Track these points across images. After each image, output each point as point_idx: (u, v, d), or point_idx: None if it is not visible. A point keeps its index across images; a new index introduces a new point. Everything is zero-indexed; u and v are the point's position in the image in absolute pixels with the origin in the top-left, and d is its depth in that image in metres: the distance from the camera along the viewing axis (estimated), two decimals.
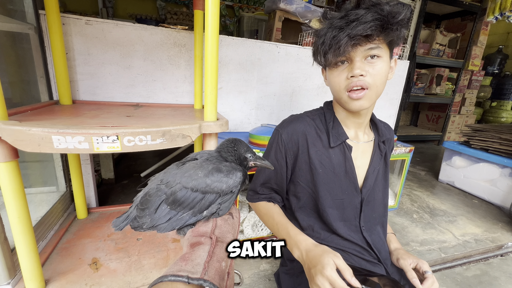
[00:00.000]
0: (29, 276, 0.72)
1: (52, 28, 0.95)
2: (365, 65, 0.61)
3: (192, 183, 0.44)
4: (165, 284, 0.33)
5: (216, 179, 0.44)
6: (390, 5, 0.59)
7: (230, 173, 0.45)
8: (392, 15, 0.58)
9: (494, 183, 1.88)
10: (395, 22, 0.58)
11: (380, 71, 0.61)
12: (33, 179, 1.15)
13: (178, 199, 0.43)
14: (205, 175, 0.44)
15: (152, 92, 1.27)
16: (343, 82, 0.64)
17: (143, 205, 0.45)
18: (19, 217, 0.66)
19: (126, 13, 3.65)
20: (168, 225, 0.44)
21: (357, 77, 0.61)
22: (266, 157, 0.78)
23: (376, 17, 0.57)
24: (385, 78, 0.64)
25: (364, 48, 0.60)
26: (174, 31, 1.22)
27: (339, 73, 0.64)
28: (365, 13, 0.57)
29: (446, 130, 3.56)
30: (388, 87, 1.84)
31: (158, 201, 0.44)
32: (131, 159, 2.30)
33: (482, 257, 1.32)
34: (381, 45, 0.60)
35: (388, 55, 0.64)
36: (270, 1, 1.97)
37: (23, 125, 0.58)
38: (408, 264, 0.70)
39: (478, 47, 3.29)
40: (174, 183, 0.44)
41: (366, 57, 0.61)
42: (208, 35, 0.70)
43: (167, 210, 0.44)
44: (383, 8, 0.58)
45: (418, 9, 2.58)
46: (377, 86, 0.62)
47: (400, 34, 0.61)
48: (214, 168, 0.45)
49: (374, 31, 0.57)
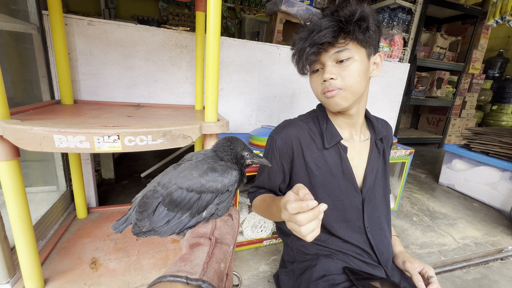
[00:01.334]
0: (28, 275, 0.72)
1: (55, 28, 0.96)
2: (335, 69, 0.64)
3: (187, 183, 0.44)
4: (164, 284, 0.33)
5: (211, 178, 0.44)
6: (346, 8, 0.61)
7: (225, 172, 0.46)
8: (348, 17, 0.60)
9: (495, 187, 1.88)
10: (352, 22, 0.60)
11: (352, 71, 0.63)
12: (33, 178, 1.15)
13: (174, 200, 0.44)
14: (199, 175, 0.44)
15: (153, 93, 1.28)
16: (319, 86, 0.68)
17: (141, 208, 0.45)
18: (20, 216, 0.67)
19: (128, 14, 3.67)
20: (168, 229, 0.44)
21: (328, 81, 0.64)
22: (263, 166, 0.80)
23: (330, 24, 0.61)
24: (360, 77, 0.65)
25: (331, 53, 0.63)
26: (176, 32, 1.23)
27: (315, 78, 0.69)
28: (322, 22, 0.61)
29: (446, 133, 3.56)
30: (389, 90, 1.84)
31: (155, 203, 0.45)
32: (132, 160, 2.30)
33: (482, 260, 1.32)
34: (348, 46, 0.62)
35: (364, 54, 0.65)
36: (271, 4, 1.98)
37: (25, 124, 0.59)
38: (414, 267, 0.70)
39: (478, 50, 3.30)
40: (169, 184, 0.45)
41: (337, 61, 0.64)
42: (210, 36, 0.71)
43: (165, 212, 0.44)
44: (339, 13, 0.61)
45: (418, 13, 2.59)
46: (350, 86, 0.64)
47: (367, 32, 0.62)
48: (209, 167, 0.45)
49: (330, 37, 0.61)
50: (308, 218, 0.44)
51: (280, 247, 1.25)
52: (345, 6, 0.62)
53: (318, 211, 0.45)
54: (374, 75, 0.70)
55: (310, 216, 0.44)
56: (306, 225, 0.45)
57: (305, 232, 0.45)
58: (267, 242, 1.24)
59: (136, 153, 2.46)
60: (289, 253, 0.81)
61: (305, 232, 0.45)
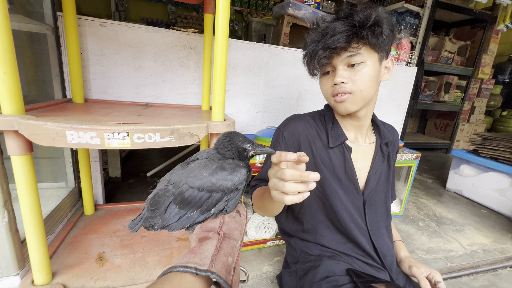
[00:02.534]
0: (37, 268, 0.74)
1: (68, 29, 0.99)
2: (347, 72, 0.64)
3: (198, 182, 0.44)
4: (174, 274, 0.34)
5: (221, 177, 0.45)
6: (361, 13, 0.60)
7: (234, 170, 0.46)
8: (362, 22, 0.60)
9: (504, 193, 1.84)
10: (367, 27, 0.60)
11: (363, 76, 0.63)
12: (44, 174, 1.18)
13: (186, 199, 0.45)
14: (210, 174, 0.45)
15: (161, 93, 1.30)
16: (329, 89, 0.68)
17: (153, 206, 0.46)
18: (31, 209, 0.69)
19: (138, 17, 3.75)
20: (178, 224, 0.46)
21: (339, 85, 0.64)
22: (268, 156, 0.79)
23: (345, 28, 0.60)
24: (371, 82, 0.64)
25: (343, 57, 0.63)
26: (185, 33, 1.25)
27: (326, 81, 0.69)
28: (336, 25, 0.61)
29: (454, 139, 3.51)
30: (395, 93, 1.83)
31: (167, 202, 0.46)
32: (138, 159, 2.33)
33: (490, 267, 1.29)
34: (361, 51, 0.62)
35: (376, 58, 0.64)
36: (278, 7, 1.99)
37: (39, 120, 0.61)
38: (421, 272, 0.70)
39: (488, 55, 3.25)
40: (180, 183, 0.45)
41: (349, 65, 0.63)
42: (218, 38, 0.72)
43: (176, 210, 0.45)
44: (353, 17, 0.60)
45: (426, 17, 2.57)
46: (360, 90, 0.64)
47: (380, 36, 0.61)
48: (218, 166, 0.46)
49: (344, 41, 0.60)
50: (293, 174, 0.41)
51: (283, 248, 1.25)
52: (360, 9, 0.61)
53: (307, 174, 0.40)
54: (385, 80, 0.70)
55: (295, 174, 0.41)
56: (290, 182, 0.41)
57: (288, 188, 0.41)
58: (271, 243, 1.24)
59: (143, 152, 2.50)
60: (292, 253, 0.81)
61: (288, 188, 0.41)
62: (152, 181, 1.89)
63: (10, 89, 0.59)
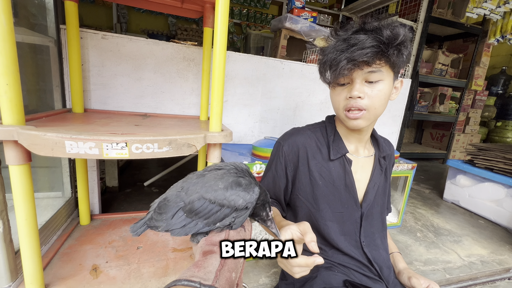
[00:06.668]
0: (30, 279, 0.73)
1: (71, 42, 1.01)
2: (364, 87, 0.62)
3: (211, 194, 0.44)
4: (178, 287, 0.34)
5: (234, 192, 0.44)
6: (389, 29, 0.59)
7: (248, 187, 0.45)
8: (390, 39, 0.59)
9: (500, 204, 1.85)
10: (394, 46, 0.59)
11: (379, 94, 0.62)
12: (40, 184, 1.18)
13: (195, 209, 0.44)
14: (225, 187, 0.44)
15: (160, 103, 1.32)
16: (342, 101, 0.66)
17: (161, 210, 0.46)
18: (27, 219, 0.68)
19: (139, 29, 3.82)
20: (182, 231, 0.45)
21: (355, 99, 0.63)
22: (267, 169, 0.80)
23: (374, 44, 0.58)
24: (385, 100, 0.65)
25: (364, 72, 0.61)
26: (184, 46, 1.28)
27: (339, 92, 0.67)
28: (365, 39, 0.59)
29: (450, 149, 3.54)
30: (391, 104, 1.87)
31: (175, 208, 0.45)
32: (136, 168, 2.33)
33: (489, 279, 1.28)
34: (382, 68, 0.61)
35: (391, 77, 0.64)
36: (276, 20, 2.06)
37: (39, 130, 0.62)
38: (421, 284, 0.69)
39: (480, 67, 3.34)
40: (194, 191, 0.45)
41: (367, 80, 0.62)
42: (216, 51, 0.75)
43: (183, 217, 0.45)
44: (382, 33, 0.59)
45: (420, 30, 2.65)
46: (375, 108, 0.63)
47: (401, 56, 0.61)
48: (234, 181, 0.45)
49: (371, 57, 0.59)
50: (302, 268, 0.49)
51: None
52: (388, 25, 0.60)
53: (313, 262, 0.48)
54: (393, 99, 0.69)
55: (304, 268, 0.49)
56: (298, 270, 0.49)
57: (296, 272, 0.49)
58: None
59: (140, 162, 2.49)
60: None
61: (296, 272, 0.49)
62: (149, 191, 1.88)
63: (12, 100, 0.60)
